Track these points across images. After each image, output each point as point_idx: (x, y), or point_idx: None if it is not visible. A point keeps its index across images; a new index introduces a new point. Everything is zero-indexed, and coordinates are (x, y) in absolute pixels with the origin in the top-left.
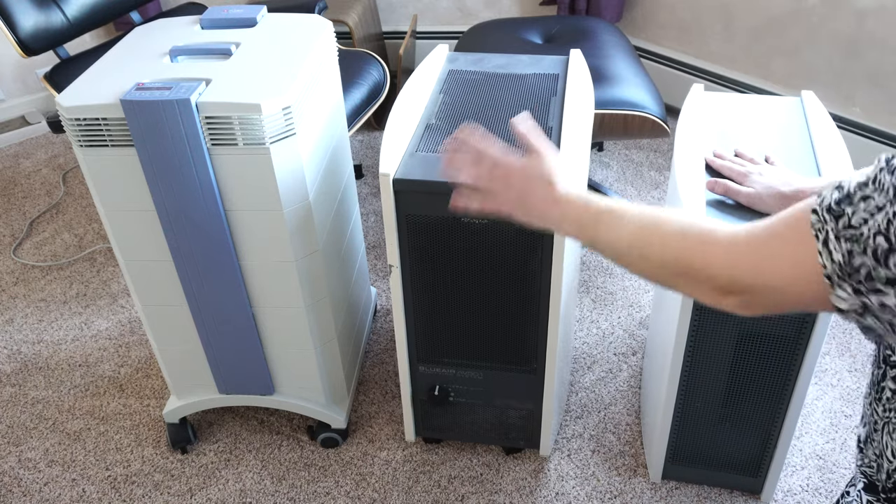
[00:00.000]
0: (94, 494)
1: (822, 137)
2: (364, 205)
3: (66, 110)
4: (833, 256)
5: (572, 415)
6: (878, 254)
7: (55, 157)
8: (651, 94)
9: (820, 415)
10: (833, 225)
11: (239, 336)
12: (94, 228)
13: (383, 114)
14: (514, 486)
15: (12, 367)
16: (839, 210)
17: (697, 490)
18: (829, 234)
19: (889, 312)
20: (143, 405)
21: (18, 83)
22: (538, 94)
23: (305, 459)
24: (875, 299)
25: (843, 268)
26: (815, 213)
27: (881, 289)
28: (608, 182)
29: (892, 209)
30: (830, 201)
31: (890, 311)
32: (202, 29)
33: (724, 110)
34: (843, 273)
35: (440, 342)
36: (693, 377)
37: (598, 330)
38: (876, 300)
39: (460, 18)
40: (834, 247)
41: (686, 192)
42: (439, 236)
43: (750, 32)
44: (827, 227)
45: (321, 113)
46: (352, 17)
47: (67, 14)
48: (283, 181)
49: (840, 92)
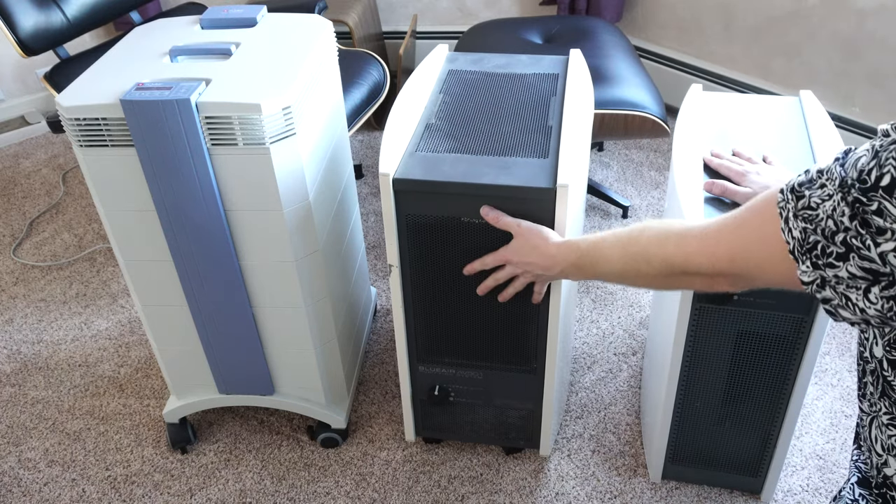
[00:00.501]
0: (94, 494)
1: (821, 137)
2: (364, 205)
3: (66, 110)
4: (793, 233)
5: (572, 415)
6: (826, 233)
7: (55, 157)
8: (651, 94)
9: (820, 415)
10: (794, 204)
11: (239, 336)
12: (94, 228)
13: (383, 114)
14: (514, 486)
15: (12, 367)
16: (800, 192)
17: (697, 490)
18: (789, 213)
19: (843, 283)
20: (143, 405)
21: (18, 83)
22: (538, 94)
23: (305, 459)
24: (830, 273)
25: (801, 244)
26: (782, 192)
27: (833, 262)
28: (608, 182)
29: (837, 197)
30: (795, 183)
31: (843, 281)
32: (202, 29)
33: (723, 110)
34: (802, 248)
35: (440, 342)
36: (693, 377)
37: (598, 330)
38: (831, 273)
39: (460, 18)
40: (793, 224)
41: (685, 192)
42: (439, 236)
43: (750, 32)
44: (789, 206)
45: (321, 113)
46: (352, 17)
47: (67, 14)
48: (283, 181)
49: (839, 92)
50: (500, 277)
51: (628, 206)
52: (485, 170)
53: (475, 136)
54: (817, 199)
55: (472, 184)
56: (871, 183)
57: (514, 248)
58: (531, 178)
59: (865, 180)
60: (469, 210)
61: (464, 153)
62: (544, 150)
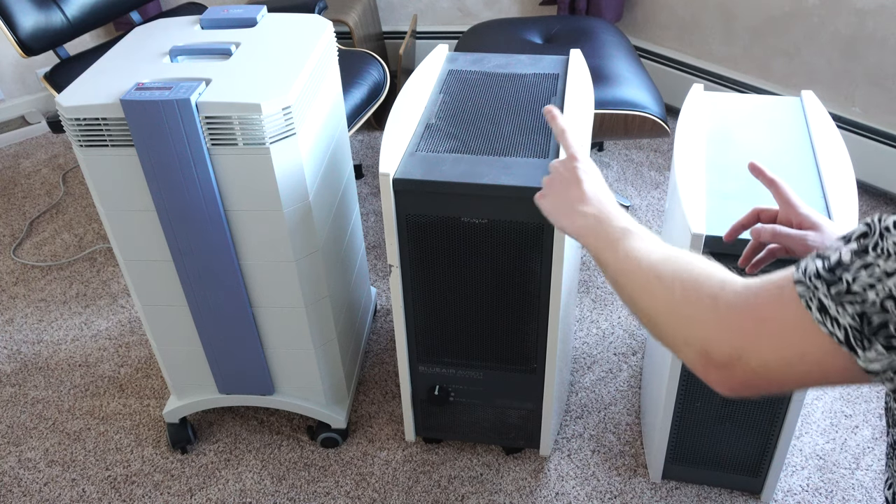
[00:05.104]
0: (94, 494)
1: (822, 137)
2: (364, 205)
3: (66, 110)
4: (840, 322)
5: (572, 415)
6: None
7: (55, 157)
8: (651, 94)
9: (820, 415)
10: (825, 290)
11: (239, 336)
12: (94, 228)
13: (383, 114)
14: (514, 486)
15: (12, 367)
16: (832, 277)
17: (697, 490)
18: (822, 301)
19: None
20: (143, 405)
21: (18, 83)
22: (538, 94)
23: (305, 459)
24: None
25: (860, 331)
26: (801, 283)
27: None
28: (608, 182)
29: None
30: (816, 269)
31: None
32: (202, 29)
33: (724, 110)
34: (861, 335)
35: (440, 342)
36: (693, 377)
37: (598, 330)
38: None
39: (460, 18)
40: (836, 312)
41: (686, 192)
42: (439, 236)
43: (750, 32)
44: (818, 294)
45: (321, 113)
46: (352, 17)
47: (67, 14)
48: (283, 181)
49: (840, 92)
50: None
51: (628, 206)
52: (485, 170)
53: (475, 136)
54: (868, 281)
55: (472, 184)
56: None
57: (566, 165)
58: (531, 178)
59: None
60: (469, 210)
61: (464, 153)
62: (544, 150)
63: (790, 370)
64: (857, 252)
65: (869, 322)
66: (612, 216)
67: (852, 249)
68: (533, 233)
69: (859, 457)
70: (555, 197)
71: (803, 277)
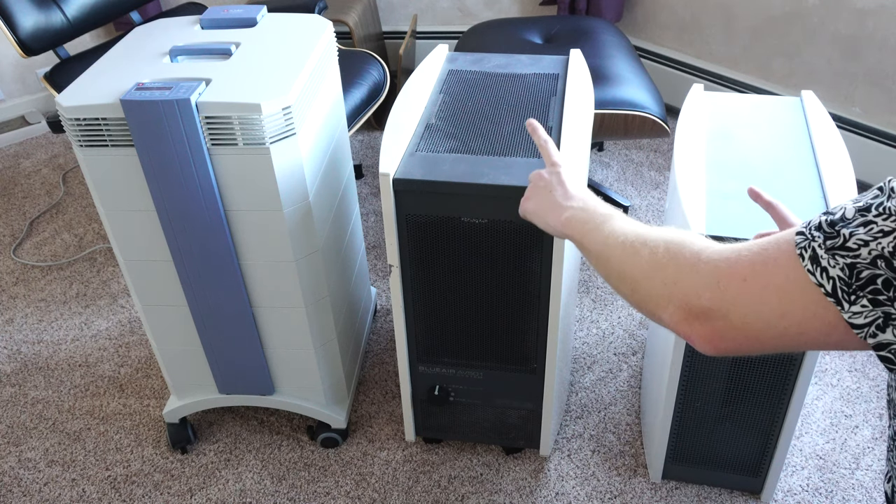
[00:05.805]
0: (94, 494)
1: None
2: (364, 205)
3: (66, 110)
4: (829, 273)
5: (572, 415)
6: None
7: (55, 157)
8: (651, 94)
9: (820, 415)
10: (821, 241)
11: (239, 336)
12: (94, 228)
13: (383, 114)
14: (514, 486)
15: (12, 367)
16: (831, 231)
17: (697, 490)
18: (816, 251)
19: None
20: (143, 405)
21: (18, 83)
22: (538, 94)
23: (305, 459)
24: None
25: (848, 282)
26: (801, 234)
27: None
28: (608, 182)
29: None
30: (819, 222)
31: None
32: (202, 29)
33: (724, 110)
34: (849, 287)
35: (440, 342)
36: (693, 377)
37: (598, 330)
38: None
39: (460, 18)
40: (828, 263)
41: (686, 192)
42: (439, 236)
43: (750, 32)
44: (814, 244)
45: (321, 113)
46: (352, 17)
47: (67, 14)
48: (283, 181)
49: (840, 92)
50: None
51: (628, 206)
52: (485, 170)
53: (475, 136)
54: (864, 238)
55: (472, 184)
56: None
57: (529, 192)
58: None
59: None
60: (469, 210)
61: (464, 153)
62: None
63: (768, 328)
64: (861, 210)
65: (858, 275)
66: (598, 204)
67: (857, 207)
68: (533, 233)
69: (859, 457)
70: (539, 199)
71: (805, 228)
